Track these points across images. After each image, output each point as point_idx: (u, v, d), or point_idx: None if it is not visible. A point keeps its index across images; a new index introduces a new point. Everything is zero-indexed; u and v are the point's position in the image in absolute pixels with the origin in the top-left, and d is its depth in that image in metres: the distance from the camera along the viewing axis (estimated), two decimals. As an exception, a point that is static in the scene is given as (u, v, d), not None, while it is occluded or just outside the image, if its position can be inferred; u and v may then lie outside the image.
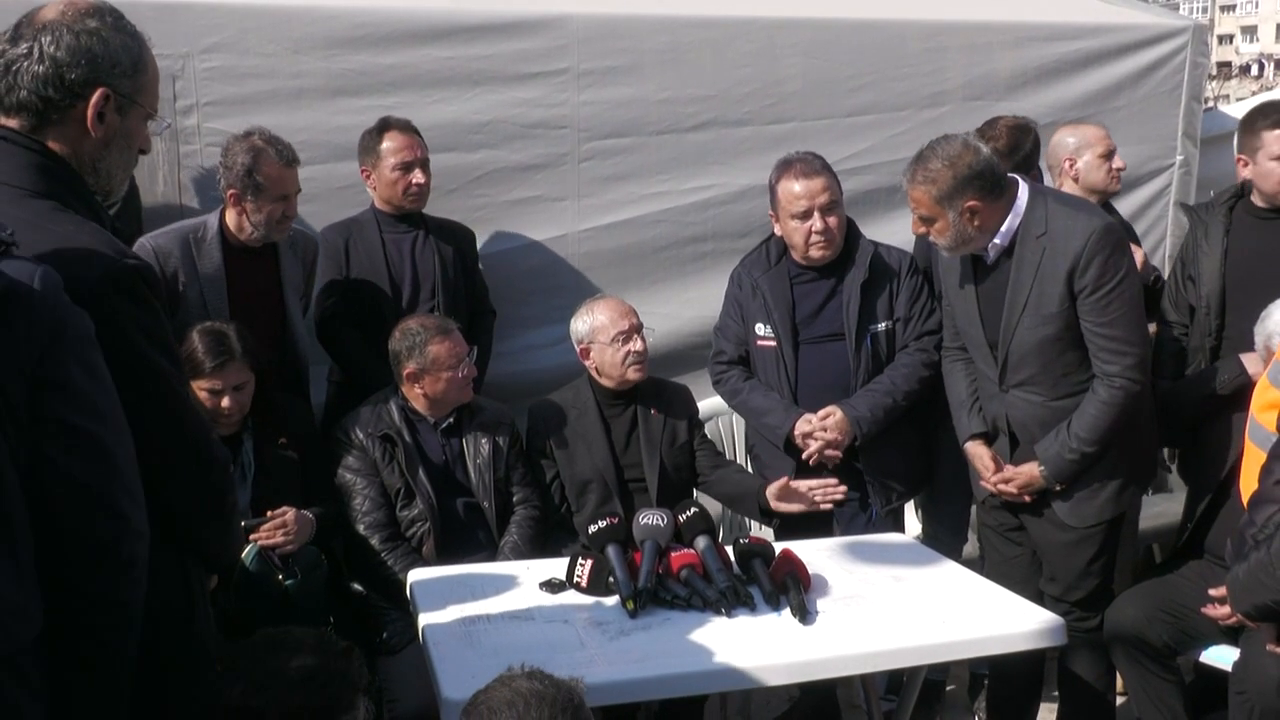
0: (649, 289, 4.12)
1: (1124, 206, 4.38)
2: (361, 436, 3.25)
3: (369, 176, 3.66)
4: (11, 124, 1.75)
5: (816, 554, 3.01)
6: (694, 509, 2.90)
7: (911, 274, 3.48)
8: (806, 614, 2.58)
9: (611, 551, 2.76)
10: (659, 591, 2.65)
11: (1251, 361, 3.22)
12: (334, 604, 3.15)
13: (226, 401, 3.01)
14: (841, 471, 3.44)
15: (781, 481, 3.30)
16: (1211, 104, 6.05)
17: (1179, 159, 4.66)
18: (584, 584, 2.73)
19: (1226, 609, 2.87)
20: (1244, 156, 3.45)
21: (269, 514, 2.99)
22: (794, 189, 3.33)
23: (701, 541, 2.81)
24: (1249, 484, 2.82)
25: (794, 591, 2.64)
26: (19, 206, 1.67)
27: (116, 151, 1.83)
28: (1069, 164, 3.84)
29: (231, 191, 3.27)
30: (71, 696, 1.52)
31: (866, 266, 3.40)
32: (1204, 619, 2.94)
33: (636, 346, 3.43)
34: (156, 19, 3.18)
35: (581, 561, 2.76)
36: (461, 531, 3.28)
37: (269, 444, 3.14)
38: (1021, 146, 3.65)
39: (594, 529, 2.84)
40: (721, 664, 2.39)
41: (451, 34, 3.86)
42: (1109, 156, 3.82)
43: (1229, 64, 56.22)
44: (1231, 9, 72.65)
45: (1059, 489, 3.12)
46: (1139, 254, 3.69)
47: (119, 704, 1.57)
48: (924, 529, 3.81)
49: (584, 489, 3.44)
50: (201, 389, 2.97)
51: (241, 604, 2.80)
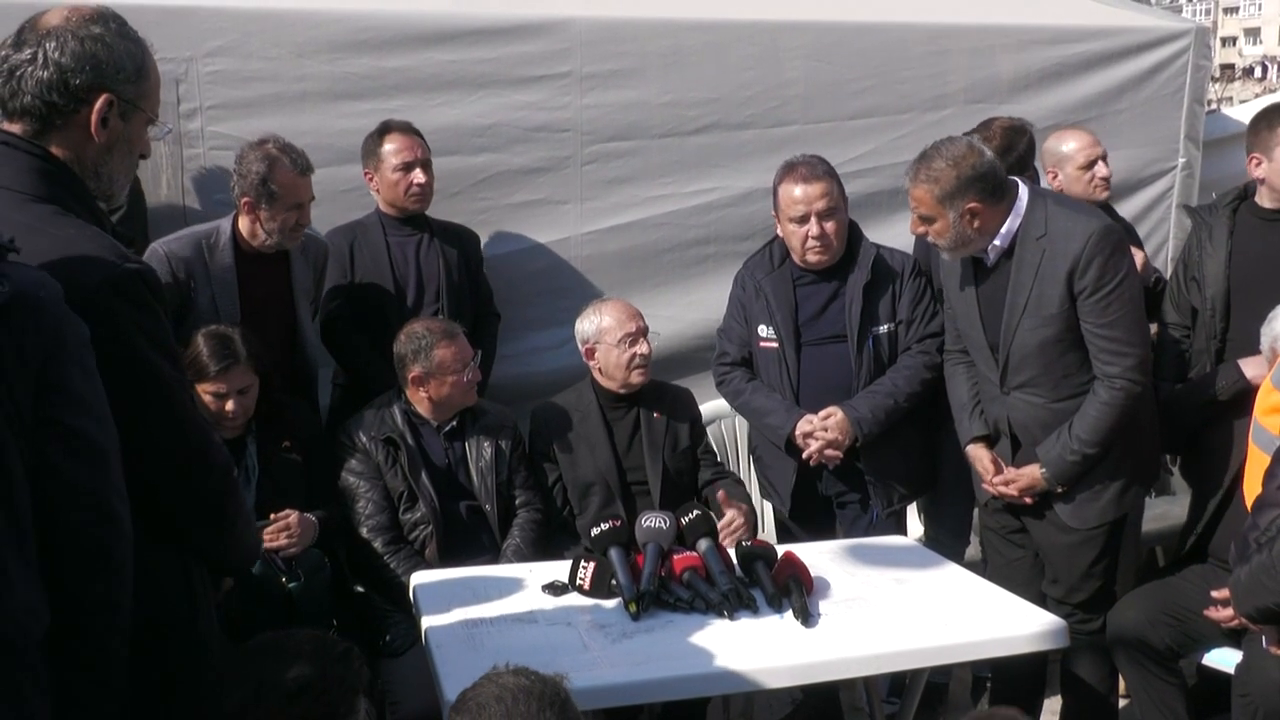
0: (652, 292, 4.12)
1: (1126, 209, 4.39)
2: (365, 440, 3.26)
3: (372, 179, 3.67)
4: (15, 129, 1.76)
5: (819, 556, 3.02)
6: (696, 511, 2.91)
7: (914, 276, 3.48)
8: (809, 616, 2.59)
9: (614, 554, 2.76)
10: (661, 594, 2.66)
11: (1250, 366, 3.22)
12: (337, 606, 3.15)
13: (231, 405, 3.01)
14: (843, 473, 3.46)
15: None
16: (1214, 107, 6.05)
17: (1181, 161, 4.65)
18: (586, 586, 2.74)
19: (1229, 611, 2.86)
20: (1257, 155, 3.44)
21: (273, 516, 3.00)
22: (794, 193, 3.34)
23: (704, 544, 2.82)
24: (1253, 487, 2.82)
25: (796, 594, 2.64)
26: (21, 211, 1.68)
27: (118, 156, 1.83)
28: (1052, 176, 3.85)
29: (246, 200, 3.26)
30: (71, 695, 1.52)
31: (869, 269, 3.41)
32: (1206, 621, 2.94)
33: (642, 350, 3.44)
34: (160, 22, 3.22)
35: (584, 564, 2.76)
36: (464, 534, 3.28)
37: (273, 447, 3.15)
38: (1015, 147, 3.64)
39: (596, 531, 2.84)
40: (724, 666, 2.39)
41: (454, 37, 3.86)
42: (1090, 166, 3.79)
43: (1232, 66, 56.17)
44: (1234, 11, 72.58)
45: (1061, 491, 3.12)
46: (1139, 256, 3.69)
47: (117, 702, 1.58)
48: (926, 532, 3.82)
49: (586, 491, 3.44)
50: (206, 392, 2.97)
51: (245, 606, 2.81)
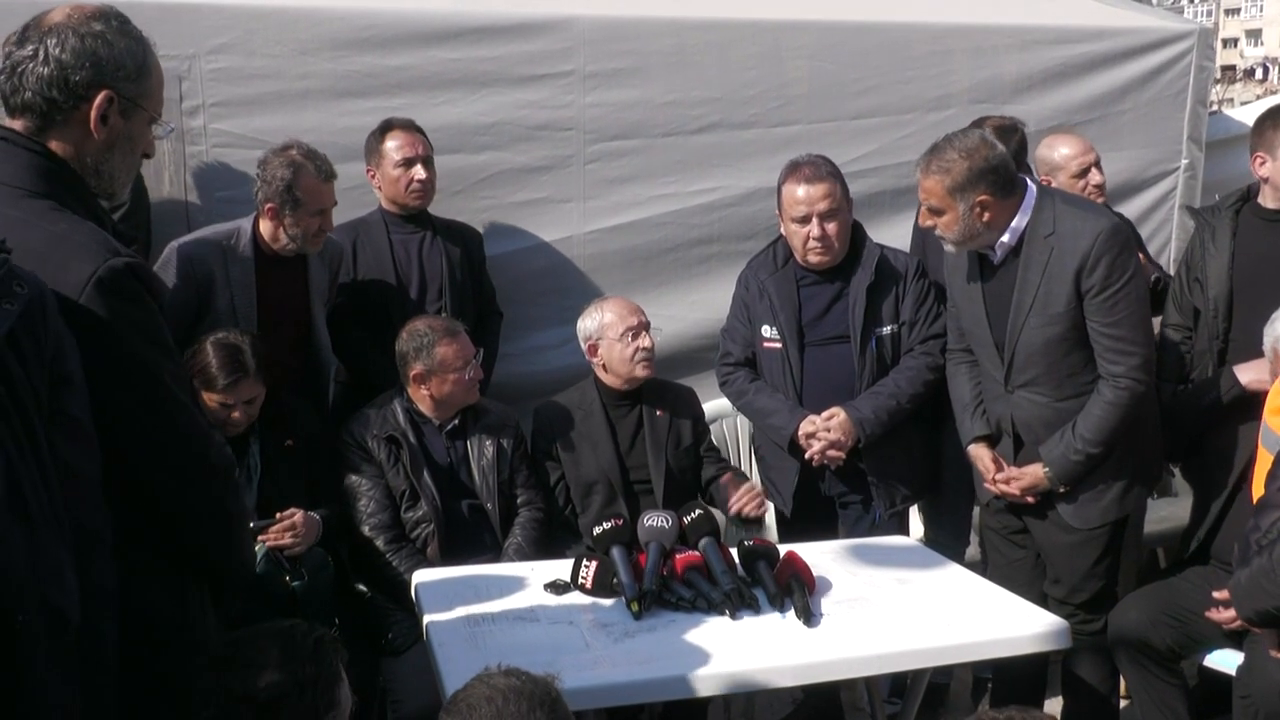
0: (654, 291, 4.11)
1: (1129, 210, 4.38)
2: (367, 438, 3.25)
3: (374, 176, 3.67)
4: (15, 125, 1.77)
5: (821, 556, 3.01)
6: (699, 511, 2.91)
7: (918, 277, 3.48)
8: (811, 616, 2.59)
9: (616, 553, 2.76)
10: (663, 593, 2.66)
11: (1246, 372, 3.21)
12: (339, 605, 3.15)
13: (237, 414, 3.02)
14: (846, 474, 3.45)
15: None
16: (1216, 108, 6.03)
17: (1184, 163, 4.65)
18: (589, 585, 2.74)
19: (1231, 613, 2.86)
20: (1262, 154, 3.42)
21: (277, 516, 3.00)
22: (796, 193, 3.33)
23: (706, 543, 2.81)
24: (1260, 489, 2.82)
25: (798, 594, 2.64)
26: (15, 206, 1.68)
27: (119, 154, 1.83)
28: (1045, 183, 3.83)
29: (269, 205, 3.25)
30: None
31: (873, 270, 3.40)
32: (1208, 623, 2.94)
33: (645, 343, 3.43)
34: (163, 20, 3.22)
35: (586, 563, 2.76)
36: (466, 533, 3.28)
37: (276, 446, 3.15)
38: (1006, 146, 3.63)
39: (599, 530, 2.85)
40: (725, 666, 2.40)
41: (457, 36, 3.86)
42: (1083, 174, 3.76)
43: (1233, 68, 56.16)
44: (1236, 13, 72.53)
45: (1063, 490, 3.11)
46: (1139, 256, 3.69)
47: (112, 689, 1.59)
48: (925, 532, 3.81)
49: (589, 490, 3.44)
50: (213, 400, 2.97)
51: (248, 605, 2.80)
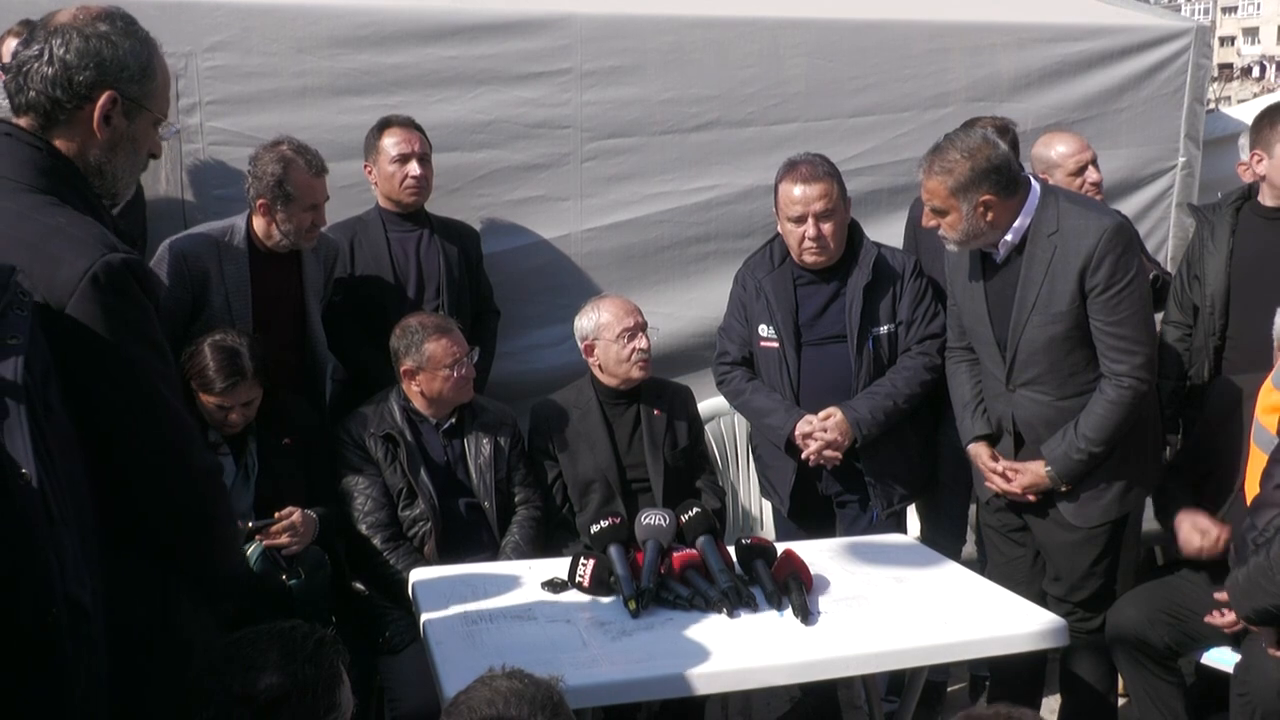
0: (651, 289, 4.11)
1: (1126, 208, 4.38)
2: (364, 436, 3.25)
3: (371, 173, 3.67)
4: (22, 123, 1.77)
5: (819, 554, 3.01)
6: (696, 509, 2.90)
7: (915, 277, 3.47)
8: (808, 614, 2.59)
9: (613, 551, 2.76)
10: (661, 591, 2.66)
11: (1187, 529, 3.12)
12: (336, 603, 3.14)
13: (234, 416, 3.02)
14: (843, 473, 3.45)
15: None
16: (1212, 106, 6.03)
17: (1181, 161, 4.65)
18: (586, 584, 2.74)
19: (1231, 616, 2.87)
20: (1259, 152, 3.44)
21: (276, 515, 2.99)
22: (793, 193, 3.33)
23: (704, 541, 2.81)
24: (1254, 488, 2.82)
25: (796, 592, 2.64)
26: (13, 199, 1.68)
27: (123, 155, 1.83)
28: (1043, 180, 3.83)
29: (261, 201, 3.26)
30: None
31: (870, 269, 3.40)
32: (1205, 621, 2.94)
33: (641, 344, 3.43)
34: (160, 17, 3.20)
35: (584, 561, 2.76)
36: (463, 532, 3.28)
37: (274, 444, 3.14)
38: None
39: (596, 529, 2.84)
40: (723, 664, 2.40)
41: (455, 33, 3.86)
42: (1080, 172, 3.76)
43: (1230, 66, 56.15)
44: (1233, 11, 72.59)
45: (1064, 489, 3.11)
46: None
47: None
48: (922, 531, 3.81)
49: (586, 489, 3.44)
50: (210, 402, 2.97)
51: (244, 604, 2.79)
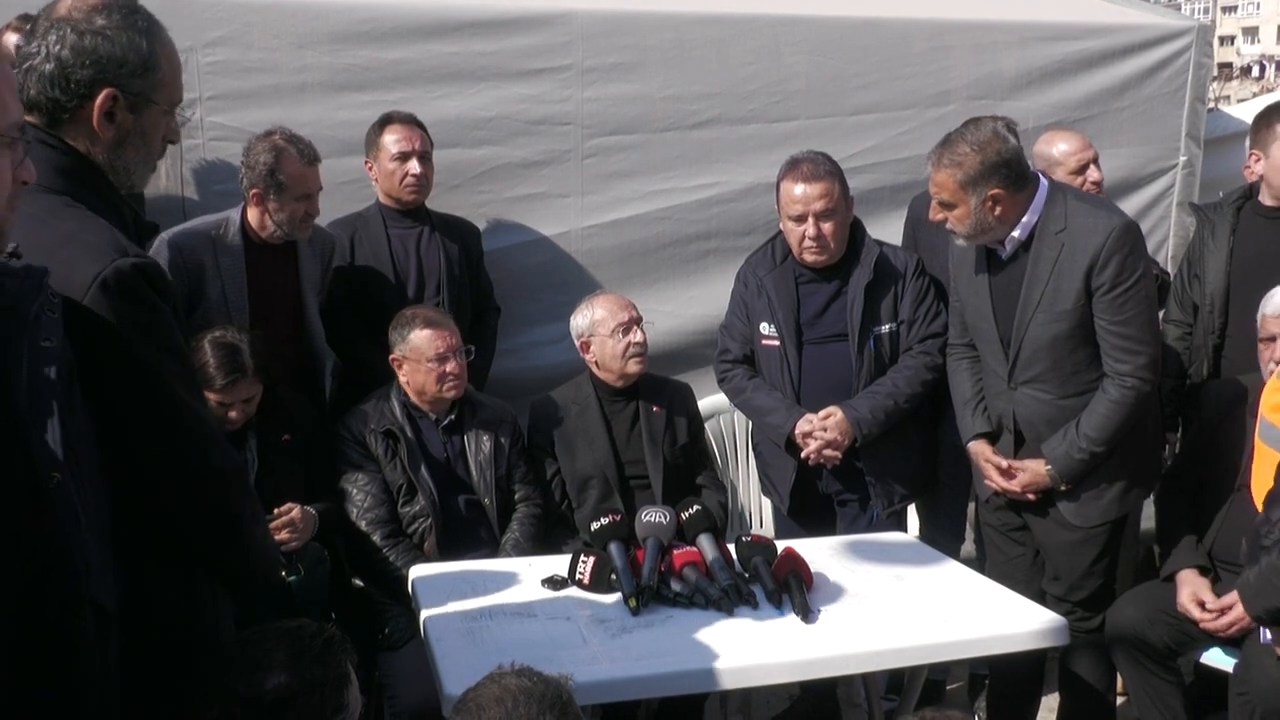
0: (652, 286, 4.11)
1: (1127, 207, 4.38)
2: (364, 433, 3.25)
3: (372, 169, 3.66)
4: (32, 120, 1.73)
5: (819, 553, 3.01)
6: (696, 506, 2.90)
7: (917, 276, 3.46)
8: (808, 612, 2.59)
9: (614, 549, 2.75)
10: (661, 589, 2.66)
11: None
12: (336, 599, 3.14)
13: (234, 413, 3.01)
14: (843, 472, 3.45)
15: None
16: (1213, 105, 6.03)
17: (1182, 160, 4.65)
18: (586, 581, 2.73)
19: (1227, 620, 2.87)
20: (1257, 151, 3.44)
21: (276, 511, 2.99)
22: (793, 192, 3.32)
23: (704, 539, 2.81)
24: (1260, 483, 2.81)
25: (796, 590, 2.64)
26: (30, 201, 1.64)
27: (132, 150, 1.80)
28: None
29: (254, 191, 3.26)
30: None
31: (871, 268, 3.39)
32: (1204, 621, 2.95)
33: (636, 338, 3.43)
34: (160, 13, 3.12)
35: (584, 559, 2.76)
36: (463, 528, 3.28)
37: (273, 440, 3.14)
38: None
39: (596, 526, 2.84)
40: (723, 662, 2.39)
41: (456, 29, 3.85)
42: (1082, 170, 3.74)
43: (1230, 65, 56.16)
44: (1233, 10, 72.60)
45: (1065, 489, 3.11)
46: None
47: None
48: (921, 529, 3.81)
49: (585, 485, 3.43)
50: (210, 399, 2.95)
51: (244, 601, 2.78)
